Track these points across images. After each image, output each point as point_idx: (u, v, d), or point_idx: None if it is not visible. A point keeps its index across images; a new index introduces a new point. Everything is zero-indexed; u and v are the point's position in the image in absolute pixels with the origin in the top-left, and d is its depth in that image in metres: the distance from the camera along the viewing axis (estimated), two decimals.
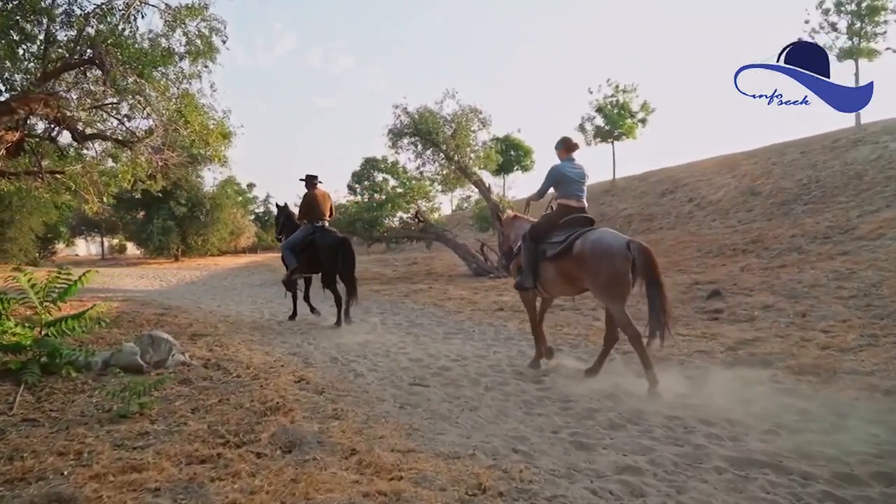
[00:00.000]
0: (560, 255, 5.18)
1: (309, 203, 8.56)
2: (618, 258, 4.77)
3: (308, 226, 8.58)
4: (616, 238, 4.95)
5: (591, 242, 4.95)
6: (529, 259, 5.51)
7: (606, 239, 4.95)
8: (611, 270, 4.80)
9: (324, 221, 8.56)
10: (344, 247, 8.25)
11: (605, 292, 4.97)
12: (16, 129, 6.90)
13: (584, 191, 5.48)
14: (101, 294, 12.76)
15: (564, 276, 5.24)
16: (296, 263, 8.54)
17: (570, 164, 5.48)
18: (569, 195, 5.41)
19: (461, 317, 9.20)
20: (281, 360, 5.74)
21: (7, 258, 23.97)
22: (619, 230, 18.75)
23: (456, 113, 16.57)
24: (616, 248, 4.81)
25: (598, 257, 4.86)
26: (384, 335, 7.57)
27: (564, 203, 5.43)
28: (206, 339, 6.70)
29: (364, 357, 6.18)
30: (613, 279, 4.83)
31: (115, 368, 3.80)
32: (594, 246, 4.92)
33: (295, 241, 8.64)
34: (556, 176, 5.44)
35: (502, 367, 5.64)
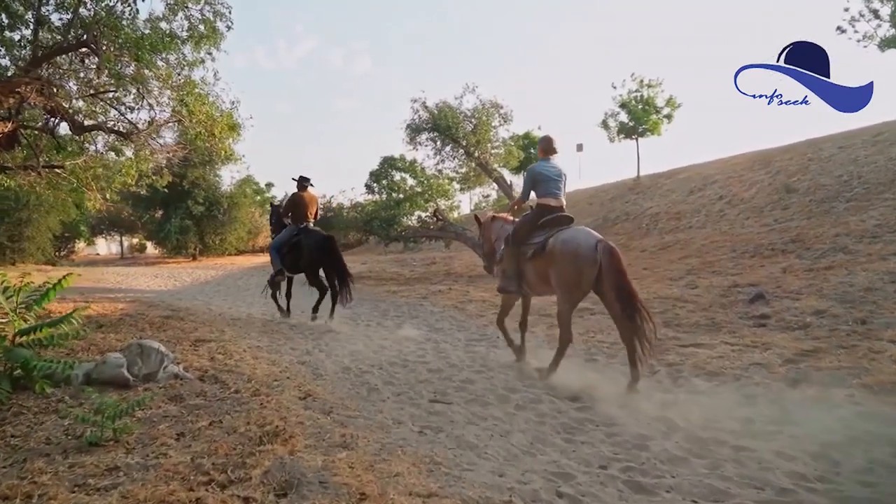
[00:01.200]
0: (536, 254, 5.26)
1: (296, 203, 8.64)
2: (584, 259, 4.79)
3: (293, 226, 8.64)
4: (587, 238, 4.94)
5: (562, 241, 5.02)
6: (512, 263, 5.60)
7: (577, 239, 4.98)
8: (574, 270, 4.86)
9: (308, 222, 8.61)
10: (330, 245, 8.37)
11: (563, 289, 5.02)
12: (8, 119, 6.47)
13: (562, 189, 5.52)
14: (111, 294, 12.38)
15: (542, 275, 5.29)
16: (281, 265, 8.57)
17: (546, 163, 5.56)
18: (547, 194, 5.44)
19: (483, 321, 8.61)
20: (288, 370, 5.21)
21: (24, 257, 23.89)
22: (646, 229, 18.09)
23: (476, 107, 15.99)
24: (584, 249, 4.83)
25: (565, 256, 4.92)
26: (402, 341, 7.02)
27: (543, 203, 5.46)
28: (209, 345, 6.19)
29: (379, 367, 5.64)
30: (574, 279, 4.89)
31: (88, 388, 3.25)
32: (564, 245, 4.98)
33: (280, 241, 8.68)
34: (533, 176, 5.53)
35: (533, 380, 5.05)
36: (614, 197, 25.07)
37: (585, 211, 25.36)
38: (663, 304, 8.67)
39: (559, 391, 4.69)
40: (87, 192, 8.15)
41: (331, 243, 8.43)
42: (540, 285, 5.47)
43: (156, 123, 7.49)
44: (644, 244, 16.98)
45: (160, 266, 27.29)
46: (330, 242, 8.44)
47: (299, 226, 8.56)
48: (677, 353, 5.79)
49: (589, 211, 25.02)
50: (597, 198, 26.63)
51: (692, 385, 4.74)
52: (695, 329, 7.08)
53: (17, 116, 6.75)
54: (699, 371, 5.10)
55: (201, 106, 7.33)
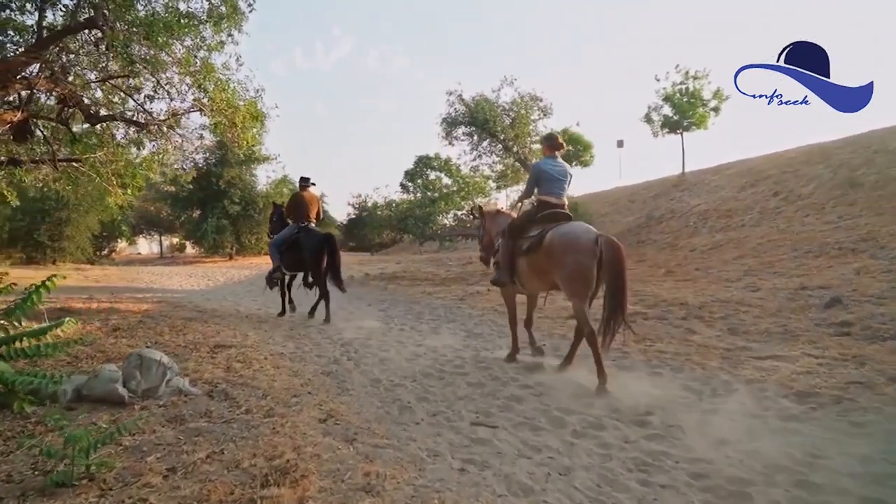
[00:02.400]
0: (532, 248, 5.19)
1: (296, 203, 8.78)
2: (584, 252, 4.69)
3: (293, 225, 8.73)
4: (586, 232, 4.85)
5: (561, 235, 4.91)
6: (507, 255, 5.56)
7: (575, 232, 4.89)
8: (576, 264, 4.73)
9: (309, 222, 8.68)
10: (329, 245, 8.41)
11: (569, 286, 4.86)
12: (18, 109, 6.09)
13: (565, 189, 5.48)
14: (140, 294, 12.09)
15: (536, 269, 5.22)
16: (279, 262, 8.67)
17: (551, 161, 5.50)
18: (548, 192, 5.40)
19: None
20: (310, 382, 4.63)
21: (64, 256, 24.13)
22: (693, 227, 17.09)
23: (515, 100, 15.29)
24: (584, 241, 4.74)
25: (564, 250, 4.81)
26: (438, 349, 6.40)
27: (543, 199, 5.42)
28: (228, 351, 5.68)
29: (412, 379, 5.02)
30: (578, 273, 4.74)
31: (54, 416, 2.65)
32: (562, 238, 4.87)
33: (281, 239, 8.76)
34: (537, 173, 5.49)
35: (590, 398, 4.36)
36: (658, 194, 24.00)
37: (627, 209, 24.40)
38: (724, 308, 7.86)
39: (623, 413, 4.00)
40: (109, 189, 7.76)
41: (330, 243, 8.47)
42: (531, 280, 5.42)
43: (173, 112, 7.02)
44: (693, 243, 16.03)
45: (196, 265, 27.32)
46: (329, 242, 8.48)
47: (300, 225, 8.62)
48: (755, 368, 5.02)
49: (631, 209, 24.05)
50: (638, 195, 25.59)
51: (781, 408, 4.00)
52: (766, 338, 6.28)
53: (27, 105, 6.37)
54: (786, 390, 4.34)
55: (221, 93, 6.84)
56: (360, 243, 44.57)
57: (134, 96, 7.02)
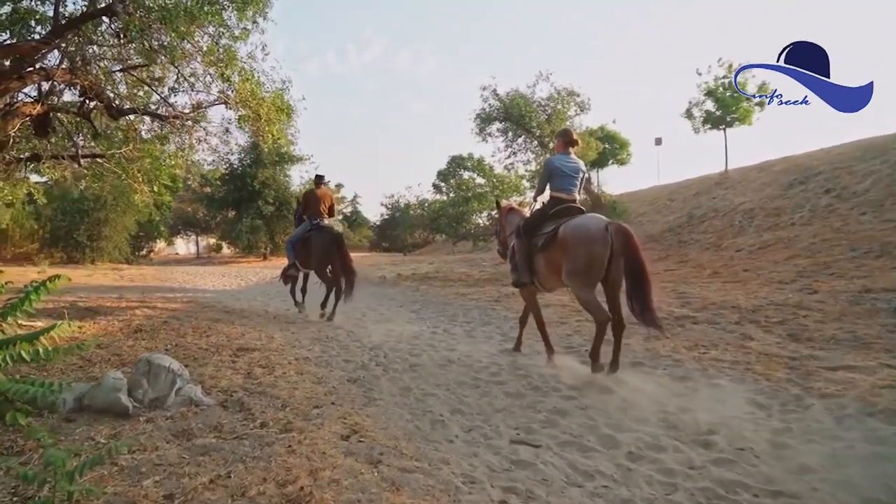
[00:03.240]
0: (547, 244, 5.14)
1: (308, 200, 8.93)
2: (596, 242, 4.64)
3: (307, 223, 8.81)
4: (597, 222, 4.80)
5: (573, 227, 4.88)
6: (523, 254, 5.50)
7: (586, 223, 4.86)
8: (588, 254, 4.68)
9: (321, 219, 8.76)
10: (337, 243, 8.51)
11: (578, 277, 4.81)
12: (37, 102, 5.90)
13: (577, 185, 5.43)
14: (170, 294, 11.98)
15: (553, 266, 5.12)
16: (293, 258, 8.87)
17: (564, 157, 5.43)
18: (560, 188, 5.36)
19: (566, 329, 7.46)
20: (335, 391, 4.27)
21: (102, 256, 24.47)
22: (738, 226, 16.32)
23: (551, 95, 14.77)
24: (595, 231, 4.69)
25: (577, 242, 4.77)
26: (472, 354, 6.00)
27: (556, 195, 5.38)
28: (251, 355, 5.38)
29: (446, 388, 4.63)
30: (588, 263, 4.70)
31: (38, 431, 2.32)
32: (574, 230, 4.84)
33: (295, 236, 8.97)
34: (549, 169, 5.42)
35: (644, 413, 3.90)
36: (699, 192, 23.14)
37: (667, 207, 23.61)
38: (781, 312, 7.27)
39: (682, 431, 3.54)
40: (135, 186, 7.57)
41: (339, 241, 8.57)
42: (550, 278, 5.31)
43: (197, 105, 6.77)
44: (738, 243, 15.29)
45: (231, 265, 27.46)
46: (338, 240, 8.58)
47: (312, 222, 8.73)
48: (827, 380, 4.48)
49: (671, 207, 23.26)
50: (678, 194, 24.76)
51: (868, 429, 3.47)
52: (834, 346, 5.70)
53: (48, 99, 6.19)
54: (870, 408, 3.81)
55: (245, 83, 6.54)
56: (393, 244, 44.60)
57: (157, 89, 6.78)
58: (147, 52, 5.82)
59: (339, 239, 8.63)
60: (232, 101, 6.72)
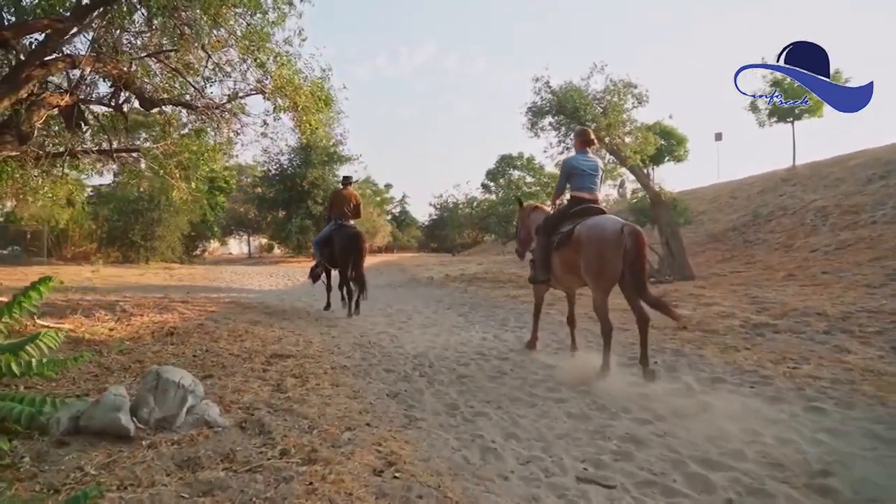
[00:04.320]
0: (562, 243, 5.17)
1: (333, 201, 9.26)
2: (609, 243, 4.65)
3: (332, 222, 9.04)
4: (613, 223, 4.78)
5: (588, 228, 4.89)
6: (542, 252, 5.55)
7: (602, 224, 4.86)
8: (601, 255, 4.71)
9: (345, 219, 8.91)
10: (355, 242, 8.62)
11: (593, 277, 4.85)
12: (66, 92, 5.64)
13: (598, 184, 5.43)
14: (214, 294, 11.79)
15: (568, 265, 5.17)
16: (319, 257, 9.24)
17: (583, 156, 5.46)
18: (581, 187, 5.37)
19: (629, 337, 6.75)
20: (371, 408, 3.76)
21: (156, 255, 24.89)
22: (811, 225, 15.11)
23: (607, 87, 13.96)
24: (609, 232, 4.70)
25: (591, 242, 4.79)
26: (526, 364, 5.42)
27: (576, 195, 5.39)
28: (285, 363, 4.94)
29: (498, 405, 4.07)
30: (602, 264, 4.72)
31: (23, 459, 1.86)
32: (589, 231, 4.86)
33: (321, 236, 9.33)
34: (568, 169, 5.46)
35: (736, 444, 3.24)
36: (764, 190, 21.83)
37: (729, 206, 22.41)
38: (877, 321, 6.42)
39: (789, 469, 2.88)
40: (172, 182, 7.29)
41: (356, 241, 8.65)
42: (565, 276, 5.36)
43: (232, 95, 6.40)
44: (812, 243, 14.16)
45: (280, 265, 27.52)
46: (355, 240, 8.66)
47: (336, 221, 8.93)
48: None
49: (733, 206, 22.05)
50: (741, 191, 23.48)
51: None
52: None
53: (77, 89, 5.92)
54: None
55: (281, 69, 6.12)
56: (441, 244, 44.26)
57: (191, 79, 6.42)
58: (173, 34, 5.46)
59: (357, 238, 8.71)
60: (269, 90, 6.33)
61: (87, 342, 4.89)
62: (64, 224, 22.22)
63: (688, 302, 8.92)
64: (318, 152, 31.56)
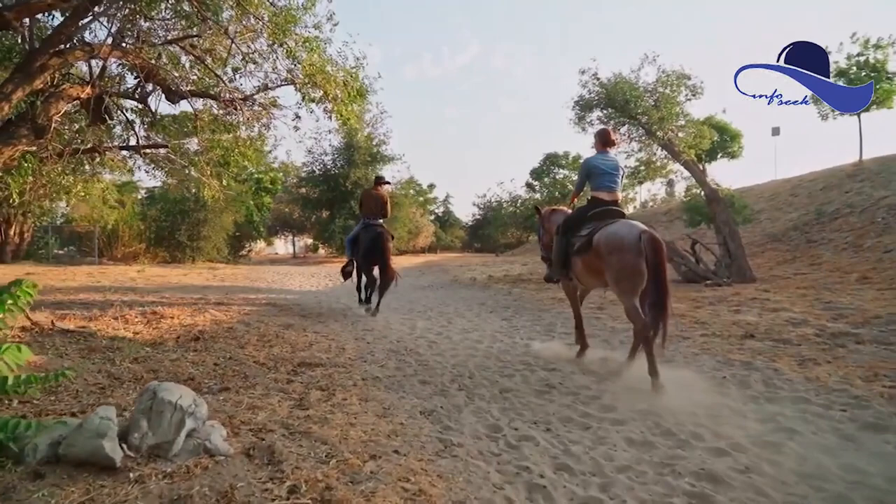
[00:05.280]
0: (582, 248, 5.17)
1: (362, 200, 9.50)
2: (628, 251, 4.63)
3: (362, 221, 9.25)
4: (630, 230, 4.74)
5: (606, 235, 4.88)
6: (560, 252, 5.56)
7: (620, 231, 4.81)
8: (621, 262, 4.68)
9: (374, 218, 9.03)
10: (378, 241, 8.70)
11: (617, 284, 4.82)
12: (86, 84, 5.38)
13: (618, 183, 5.38)
14: (252, 295, 11.57)
15: (590, 268, 5.17)
16: (351, 255, 9.34)
17: (602, 156, 5.45)
18: (600, 188, 5.33)
19: (691, 346, 6.13)
20: (401, 430, 3.31)
21: (202, 255, 25.14)
22: (883, 224, 13.93)
23: (659, 79, 13.19)
24: (627, 240, 4.67)
25: (610, 250, 4.78)
26: (576, 378, 4.87)
27: (595, 196, 5.36)
28: (312, 373, 4.56)
29: (546, 426, 3.57)
30: (624, 271, 4.68)
31: None
32: (608, 238, 4.84)
33: (351, 235, 9.48)
34: (588, 169, 5.44)
35: (839, 487, 2.66)
36: (827, 186, 20.56)
37: (789, 204, 21.20)
38: None
39: None
40: (203, 180, 7.02)
41: (379, 240, 8.72)
42: (588, 277, 5.34)
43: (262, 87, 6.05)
44: (886, 243, 13.10)
45: (323, 265, 27.46)
46: (379, 239, 8.73)
47: (366, 219, 9.11)
48: None
49: (794, 204, 20.84)
50: (802, 188, 22.21)
51: None
52: None
53: (99, 80, 5.66)
54: None
55: (310, 55, 5.72)
56: (485, 244, 43.69)
57: (218, 70, 6.08)
58: (195, 19, 5.13)
59: (380, 237, 8.77)
60: (299, 81, 5.95)
61: (103, 349, 4.59)
62: (112, 225, 22.63)
63: (751, 307, 8.19)
64: (361, 152, 31.46)
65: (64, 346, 4.48)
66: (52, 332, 4.94)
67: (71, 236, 25.58)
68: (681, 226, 21.07)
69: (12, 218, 20.68)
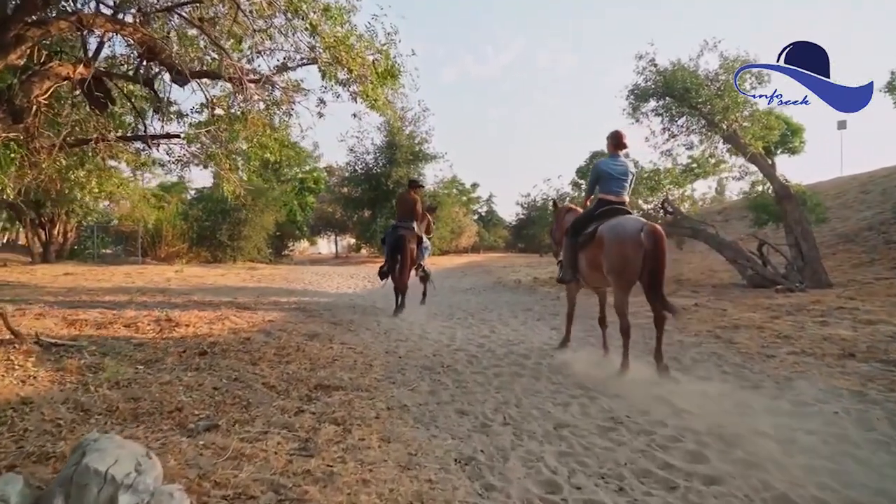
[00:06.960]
0: (586, 243, 5.26)
1: (397, 203, 9.89)
2: (629, 243, 4.73)
3: (392, 224, 9.66)
4: (633, 224, 4.88)
5: (609, 228, 4.99)
6: (569, 252, 5.63)
7: (623, 224, 4.96)
8: (621, 255, 4.79)
9: (404, 221, 9.20)
10: (399, 243, 8.91)
11: (614, 276, 4.94)
12: (79, 62, 4.75)
13: (626, 187, 5.47)
14: (285, 297, 10.98)
15: (592, 264, 5.24)
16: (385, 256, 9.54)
17: (613, 160, 5.50)
18: (608, 191, 5.42)
19: (780, 367, 5.13)
20: (429, 491, 2.53)
21: (243, 255, 24.98)
22: None
23: (723, 65, 12.02)
24: (629, 232, 4.78)
25: (612, 241, 4.89)
26: (649, 412, 3.98)
27: (603, 197, 5.43)
28: (329, 399, 3.83)
29: (619, 481, 2.74)
30: (622, 264, 4.80)
31: None
32: (611, 231, 4.96)
33: (384, 236, 9.89)
34: (598, 173, 5.54)
35: None
36: None
37: (860, 202, 19.60)
38: None
39: None
40: (222, 174, 6.39)
41: (400, 242, 8.89)
42: (591, 275, 5.43)
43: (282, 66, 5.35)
44: None
45: (364, 265, 26.95)
46: (400, 241, 8.90)
47: (396, 223, 9.41)
48: None
49: (866, 201, 19.25)
50: (875, 185, 20.56)
51: None
52: None
53: (95, 59, 5.02)
54: None
55: (332, 25, 4.96)
56: (529, 244, 42.59)
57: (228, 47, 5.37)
58: None
59: (401, 240, 8.91)
60: (322, 61, 5.22)
61: (84, 369, 3.90)
62: (154, 224, 22.67)
63: (839, 318, 7.10)
64: (402, 151, 30.93)
65: (37, 366, 3.84)
66: (36, 345, 4.33)
67: (118, 236, 25.82)
68: (738, 226, 19.66)
69: (56, 218, 20.85)
